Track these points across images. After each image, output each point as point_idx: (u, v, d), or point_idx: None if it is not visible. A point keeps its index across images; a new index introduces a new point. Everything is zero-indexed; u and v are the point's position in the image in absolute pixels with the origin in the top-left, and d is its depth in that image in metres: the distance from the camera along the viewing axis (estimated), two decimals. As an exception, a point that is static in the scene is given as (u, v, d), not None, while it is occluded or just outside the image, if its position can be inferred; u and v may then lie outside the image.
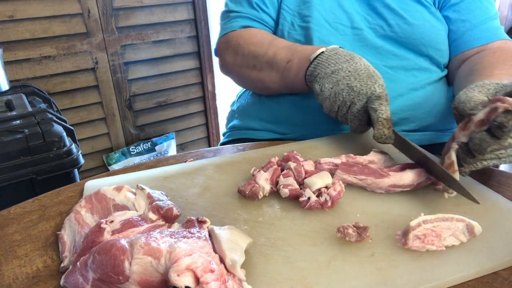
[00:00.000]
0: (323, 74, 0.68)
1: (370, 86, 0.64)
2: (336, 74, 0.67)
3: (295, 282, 0.43)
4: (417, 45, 0.85)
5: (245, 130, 0.95)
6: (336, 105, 0.67)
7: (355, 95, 0.64)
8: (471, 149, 0.52)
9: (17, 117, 1.19)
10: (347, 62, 0.67)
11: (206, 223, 0.48)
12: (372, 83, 0.64)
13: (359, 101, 0.64)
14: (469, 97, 0.56)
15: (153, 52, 2.13)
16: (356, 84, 0.64)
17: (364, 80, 0.64)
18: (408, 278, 0.43)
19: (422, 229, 0.45)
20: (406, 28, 0.84)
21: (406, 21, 0.84)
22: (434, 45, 0.86)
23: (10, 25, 1.74)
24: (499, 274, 0.44)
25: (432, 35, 0.85)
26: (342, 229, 0.48)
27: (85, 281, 0.41)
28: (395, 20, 0.84)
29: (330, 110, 0.69)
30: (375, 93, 0.63)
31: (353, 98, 0.64)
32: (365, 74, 0.65)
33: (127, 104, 2.13)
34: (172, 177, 0.67)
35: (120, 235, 0.46)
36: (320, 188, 0.57)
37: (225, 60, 0.91)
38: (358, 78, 0.65)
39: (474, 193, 0.57)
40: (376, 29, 0.86)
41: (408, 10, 0.85)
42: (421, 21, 0.84)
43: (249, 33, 0.86)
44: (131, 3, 2.00)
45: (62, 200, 0.63)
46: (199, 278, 0.38)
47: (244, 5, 0.89)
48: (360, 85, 0.64)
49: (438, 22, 0.86)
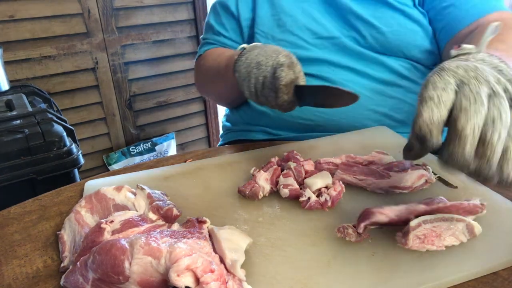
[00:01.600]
0: (240, 62, 0.71)
1: (275, 57, 0.66)
2: (248, 58, 0.70)
3: (295, 282, 0.43)
4: (395, 52, 0.84)
5: (240, 131, 0.96)
6: (252, 85, 0.69)
7: (263, 68, 0.67)
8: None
9: (17, 117, 1.19)
10: (260, 48, 0.71)
11: (206, 223, 0.48)
12: (276, 55, 0.67)
13: (268, 73, 0.66)
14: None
15: (153, 52, 2.13)
16: (262, 59, 0.67)
17: (269, 54, 0.67)
18: (408, 278, 0.43)
19: (422, 229, 0.45)
20: (379, 38, 0.84)
21: (378, 30, 0.83)
22: (413, 48, 0.84)
23: (10, 25, 1.74)
24: (499, 274, 0.44)
25: (409, 40, 0.84)
26: (342, 229, 0.48)
27: (85, 281, 0.41)
28: (368, 30, 0.84)
29: (250, 94, 0.70)
30: (279, 62, 0.66)
31: (262, 71, 0.67)
32: (270, 50, 0.68)
33: (127, 104, 2.12)
34: (172, 177, 0.67)
35: (120, 235, 0.46)
36: (320, 188, 0.57)
37: (195, 81, 1.05)
38: (265, 54, 0.68)
39: (474, 193, 0.57)
40: (352, 40, 0.86)
41: (380, 18, 0.84)
42: (395, 27, 0.83)
43: (209, 53, 0.96)
44: (131, 3, 2.00)
45: (62, 200, 0.63)
46: (199, 278, 0.38)
47: (209, 32, 1.00)
48: (266, 59, 0.67)
49: (414, 24, 0.84)
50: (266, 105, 0.69)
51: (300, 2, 0.89)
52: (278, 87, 0.63)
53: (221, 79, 0.86)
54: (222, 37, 0.97)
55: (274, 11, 0.90)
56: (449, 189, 0.59)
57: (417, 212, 0.47)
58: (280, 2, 0.90)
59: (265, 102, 0.69)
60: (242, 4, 0.94)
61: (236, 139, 0.96)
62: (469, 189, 0.58)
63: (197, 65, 1.00)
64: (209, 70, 0.92)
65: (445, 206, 0.47)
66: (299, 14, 0.88)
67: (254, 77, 0.68)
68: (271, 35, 0.89)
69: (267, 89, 0.67)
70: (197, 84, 1.05)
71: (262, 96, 0.69)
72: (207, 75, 0.94)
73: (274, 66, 0.65)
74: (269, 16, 0.90)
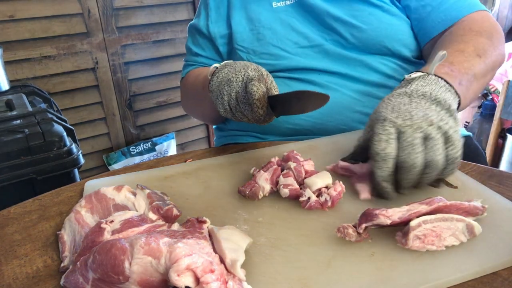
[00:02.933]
0: (212, 83, 0.71)
1: (243, 72, 0.67)
2: (219, 77, 0.70)
3: (295, 282, 0.43)
4: (379, 48, 0.83)
5: (229, 136, 0.97)
6: (225, 102, 0.69)
7: (234, 84, 0.67)
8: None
9: (17, 117, 1.19)
10: (230, 65, 0.71)
11: (206, 223, 0.48)
12: (244, 70, 0.67)
13: (239, 88, 0.67)
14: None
15: (153, 52, 2.13)
16: (232, 76, 0.68)
17: (238, 69, 0.68)
18: (408, 278, 0.43)
19: (422, 229, 0.45)
20: (360, 36, 0.83)
21: (359, 29, 0.83)
22: (396, 43, 0.83)
23: (10, 25, 1.73)
24: (499, 274, 0.44)
25: (390, 34, 0.83)
26: (342, 229, 0.48)
27: (85, 281, 0.41)
28: (348, 31, 0.83)
29: (226, 111, 0.70)
30: (248, 76, 0.66)
31: (233, 87, 0.67)
32: (239, 66, 0.69)
33: (127, 104, 2.13)
34: (172, 177, 0.67)
35: (120, 235, 0.46)
36: (320, 188, 0.57)
37: (181, 103, 1.08)
38: (234, 71, 0.68)
39: (474, 193, 0.57)
40: (334, 43, 0.85)
41: (359, 16, 0.83)
42: (375, 23, 0.82)
43: (189, 75, 0.98)
44: (131, 3, 2.00)
45: (62, 200, 0.63)
46: (199, 278, 0.38)
47: (189, 53, 1.03)
48: (236, 75, 0.67)
49: (394, 18, 0.83)
50: (243, 120, 0.69)
51: (277, 13, 0.89)
52: (252, 103, 0.63)
53: (200, 100, 0.88)
54: (200, 57, 0.99)
55: (252, 25, 0.89)
56: (449, 189, 0.59)
57: (419, 213, 0.47)
58: (258, 16, 0.89)
59: (242, 117, 0.69)
60: (213, 25, 0.95)
61: (227, 143, 0.97)
62: (469, 189, 0.58)
63: (181, 87, 1.03)
64: (190, 91, 0.95)
65: (446, 205, 0.47)
66: (278, 26, 0.88)
67: (226, 93, 0.68)
68: (252, 50, 0.89)
69: (241, 104, 0.67)
70: (182, 106, 1.08)
71: (237, 112, 0.69)
72: (188, 96, 0.98)
73: (245, 81, 0.66)
74: (247, 31, 0.90)
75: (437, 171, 0.53)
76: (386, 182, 0.54)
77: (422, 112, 0.55)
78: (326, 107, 0.83)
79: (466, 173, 0.63)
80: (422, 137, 0.52)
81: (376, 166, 0.54)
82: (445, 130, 0.53)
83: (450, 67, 0.65)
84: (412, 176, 0.53)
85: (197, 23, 0.99)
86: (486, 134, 2.04)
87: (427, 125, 0.53)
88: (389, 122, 0.54)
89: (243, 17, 0.91)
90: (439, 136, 0.52)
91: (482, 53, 0.70)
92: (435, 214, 0.47)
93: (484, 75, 0.71)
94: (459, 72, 0.65)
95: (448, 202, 0.48)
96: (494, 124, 1.85)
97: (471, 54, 0.69)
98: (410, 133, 0.52)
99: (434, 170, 0.53)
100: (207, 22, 0.96)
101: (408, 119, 0.54)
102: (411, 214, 0.46)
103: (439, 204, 0.47)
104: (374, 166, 0.54)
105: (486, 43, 0.72)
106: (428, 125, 0.53)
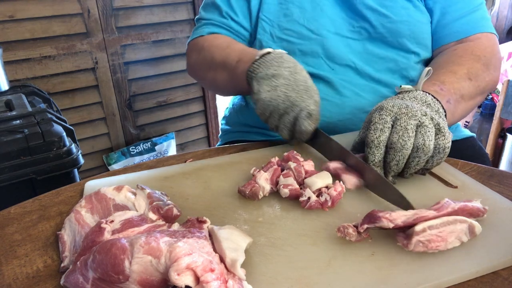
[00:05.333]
0: (263, 74, 0.68)
1: (305, 99, 0.65)
2: (276, 78, 0.67)
3: (295, 282, 0.43)
4: (404, 43, 0.84)
5: (237, 133, 0.96)
6: (269, 110, 0.68)
7: (289, 104, 0.66)
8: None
9: (17, 117, 1.19)
10: (289, 69, 0.68)
11: (206, 223, 0.48)
12: (307, 97, 0.66)
13: (291, 112, 0.66)
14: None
15: (153, 52, 2.13)
16: (292, 95, 0.66)
17: (301, 93, 0.66)
18: (408, 277, 0.43)
19: (427, 234, 0.45)
20: (391, 26, 0.84)
21: (390, 19, 0.83)
22: (420, 41, 0.85)
23: (10, 25, 1.73)
24: (499, 273, 0.44)
25: (418, 30, 0.85)
26: (342, 228, 0.48)
27: (85, 281, 0.41)
28: (378, 20, 0.84)
29: (262, 113, 0.69)
30: (308, 108, 0.65)
31: (287, 107, 0.66)
32: (303, 86, 0.67)
33: (127, 104, 2.12)
34: (172, 177, 0.67)
35: (120, 235, 0.46)
36: (320, 188, 0.57)
37: (189, 62, 0.95)
38: (296, 89, 0.66)
39: (474, 192, 0.57)
40: (361, 32, 0.85)
41: (391, 7, 0.84)
42: (405, 17, 0.84)
43: (213, 38, 0.89)
44: (131, 3, 1.99)
45: (62, 200, 0.63)
46: (199, 277, 0.38)
47: (215, 13, 0.91)
48: (296, 96, 0.66)
49: (423, 16, 0.85)
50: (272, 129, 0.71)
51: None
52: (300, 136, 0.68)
53: (227, 72, 0.82)
54: (230, 21, 0.90)
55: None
56: (449, 189, 0.59)
57: (426, 219, 0.46)
58: None
59: (273, 129, 0.70)
60: None
61: (233, 140, 0.96)
62: (469, 189, 0.58)
63: (196, 47, 0.91)
64: (214, 58, 0.85)
65: (454, 210, 0.47)
66: (307, 5, 0.86)
67: (275, 105, 0.67)
68: (276, 23, 0.87)
69: (283, 126, 0.68)
70: (191, 67, 0.96)
71: (271, 123, 0.69)
72: (209, 62, 0.87)
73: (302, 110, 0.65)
74: (276, 4, 0.87)
75: (425, 157, 0.56)
76: (376, 166, 0.58)
77: (417, 106, 0.59)
78: (337, 107, 0.84)
79: (466, 173, 0.63)
80: (416, 124, 0.56)
81: (369, 152, 0.58)
82: (437, 122, 0.57)
83: (440, 86, 0.69)
84: (400, 158, 0.56)
85: None
86: (486, 134, 2.04)
87: (422, 115, 0.57)
88: (386, 110, 0.58)
89: None
90: (432, 126, 0.56)
91: (473, 77, 0.74)
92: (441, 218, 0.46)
93: (473, 98, 0.75)
94: (448, 92, 0.69)
95: (457, 206, 0.48)
96: (494, 123, 1.85)
97: (463, 76, 0.73)
98: (405, 119, 0.56)
99: (423, 154, 0.55)
100: None
101: (404, 108, 0.58)
102: (416, 219, 0.46)
103: (447, 210, 0.47)
104: (367, 153, 0.58)
105: (481, 68, 0.76)
106: (422, 115, 0.57)
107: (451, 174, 0.62)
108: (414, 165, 0.57)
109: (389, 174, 0.58)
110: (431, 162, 0.58)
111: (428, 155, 0.56)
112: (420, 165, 0.57)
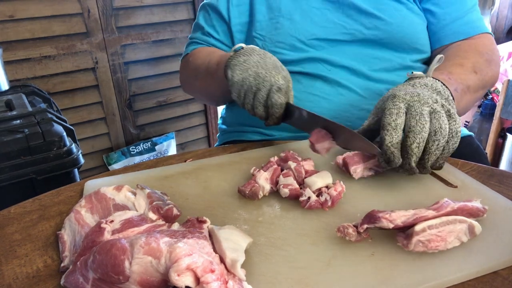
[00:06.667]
0: (236, 61, 0.72)
1: (275, 75, 0.69)
2: (246, 62, 0.71)
3: (295, 282, 0.43)
4: (399, 43, 0.85)
5: (234, 132, 0.97)
6: (243, 90, 0.71)
7: (260, 81, 0.69)
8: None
9: (17, 117, 1.19)
10: (259, 55, 0.73)
11: (206, 223, 0.48)
12: (276, 73, 0.69)
13: (263, 88, 0.69)
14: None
15: (153, 52, 2.13)
16: (262, 71, 0.70)
17: (270, 70, 0.70)
18: (408, 277, 0.43)
19: (427, 234, 0.45)
20: (385, 28, 0.84)
21: (384, 21, 0.84)
22: (416, 40, 0.86)
23: (10, 25, 1.73)
24: (499, 273, 0.44)
25: (412, 31, 0.86)
26: (342, 228, 0.48)
27: (85, 281, 0.41)
28: (372, 23, 0.85)
29: (238, 96, 0.72)
30: (277, 83, 0.69)
31: (258, 84, 0.69)
32: (271, 65, 0.71)
33: (127, 104, 2.12)
34: (172, 177, 0.67)
35: (120, 235, 0.46)
36: (320, 188, 0.57)
37: (180, 78, 1.06)
38: (265, 67, 0.70)
39: (474, 192, 0.57)
40: (355, 34, 0.86)
41: (384, 10, 0.85)
42: (399, 19, 0.85)
43: (197, 51, 0.97)
44: (131, 2, 1.99)
45: (62, 200, 0.63)
46: (200, 278, 0.38)
47: (198, 32, 1.00)
48: (265, 73, 0.69)
49: (416, 17, 0.86)
50: (249, 112, 0.73)
51: (298, 2, 0.89)
52: (271, 110, 0.69)
53: (210, 77, 0.87)
54: (211, 39, 0.97)
55: (272, 14, 0.90)
56: (449, 188, 0.59)
57: (426, 218, 0.46)
58: (278, 5, 0.89)
59: (250, 110, 0.72)
60: (234, 9, 0.94)
61: (230, 140, 0.97)
62: (469, 189, 0.58)
63: (184, 63, 1.00)
64: (199, 67, 0.92)
65: (453, 210, 0.47)
66: (297, 16, 0.88)
67: (248, 84, 0.70)
68: (268, 38, 0.89)
69: (257, 101, 0.70)
70: (182, 82, 1.06)
71: (248, 104, 0.71)
72: (195, 71, 0.94)
73: (272, 84, 0.68)
74: (267, 20, 0.90)
75: (444, 140, 0.56)
76: (394, 147, 0.57)
77: (428, 93, 0.60)
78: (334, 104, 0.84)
79: (466, 173, 0.63)
80: (429, 111, 0.57)
81: (386, 134, 0.57)
82: (448, 109, 0.59)
83: (448, 75, 0.71)
84: (421, 141, 0.56)
85: (216, 2, 0.95)
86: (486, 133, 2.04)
87: (433, 102, 0.58)
88: (399, 98, 0.59)
89: (264, 5, 0.91)
90: (443, 112, 0.58)
91: (478, 70, 0.77)
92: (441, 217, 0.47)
93: (476, 90, 0.77)
94: (455, 81, 0.71)
95: (456, 206, 0.48)
96: (494, 123, 1.85)
97: (469, 69, 0.76)
98: (418, 106, 0.57)
99: (442, 137, 0.56)
100: (228, 5, 0.94)
101: (416, 95, 0.59)
102: (416, 219, 0.46)
103: (447, 209, 0.47)
104: (385, 135, 0.57)
105: (484, 63, 0.79)
106: (433, 102, 0.58)
107: (451, 174, 0.62)
108: (435, 150, 0.56)
109: (412, 159, 0.57)
110: (447, 149, 0.58)
111: (445, 138, 0.56)
112: (439, 149, 0.57)
